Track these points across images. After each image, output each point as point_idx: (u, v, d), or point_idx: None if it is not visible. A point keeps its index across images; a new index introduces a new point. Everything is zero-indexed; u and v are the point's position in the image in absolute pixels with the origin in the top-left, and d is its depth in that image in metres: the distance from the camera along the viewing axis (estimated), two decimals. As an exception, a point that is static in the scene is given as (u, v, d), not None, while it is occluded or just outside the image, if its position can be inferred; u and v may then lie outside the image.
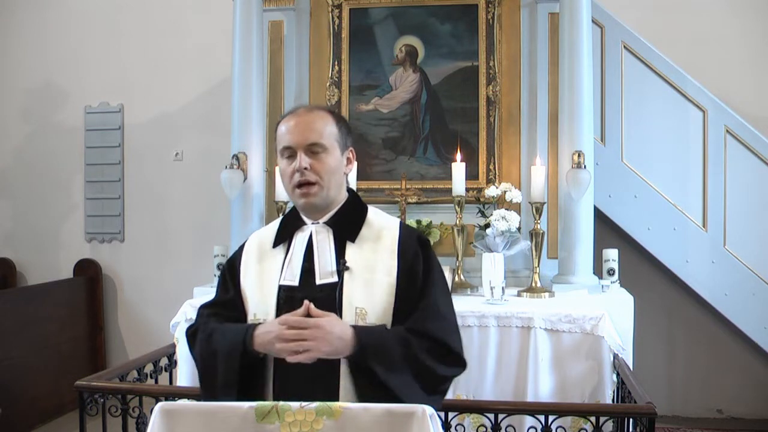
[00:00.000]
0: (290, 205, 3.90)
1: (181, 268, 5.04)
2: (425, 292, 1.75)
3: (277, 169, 3.84)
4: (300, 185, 1.76)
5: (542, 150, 3.90)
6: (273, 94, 4.18)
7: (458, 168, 3.63)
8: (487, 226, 3.54)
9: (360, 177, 3.88)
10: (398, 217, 3.62)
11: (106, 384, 2.60)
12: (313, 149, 1.75)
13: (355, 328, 1.66)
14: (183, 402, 2.23)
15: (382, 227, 1.83)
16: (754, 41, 4.65)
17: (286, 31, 4.19)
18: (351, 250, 1.77)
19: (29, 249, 5.40)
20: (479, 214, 3.79)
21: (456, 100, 4.03)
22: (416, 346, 1.67)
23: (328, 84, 4.11)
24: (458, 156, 3.67)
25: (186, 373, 3.20)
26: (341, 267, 1.74)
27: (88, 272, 5.22)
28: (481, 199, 3.87)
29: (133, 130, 5.27)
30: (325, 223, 1.81)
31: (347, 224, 1.81)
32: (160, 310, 4.69)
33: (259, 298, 1.80)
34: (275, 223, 1.92)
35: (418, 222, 3.87)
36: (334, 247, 1.78)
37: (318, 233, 1.80)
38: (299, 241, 1.81)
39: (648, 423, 2.28)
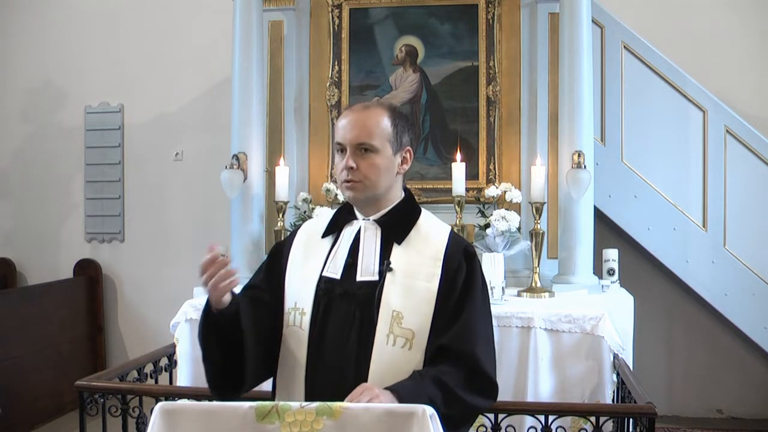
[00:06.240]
0: (291, 205, 3.93)
1: (181, 268, 5.02)
2: (463, 307, 1.72)
3: (277, 169, 3.83)
4: (346, 181, 1.76)
5: (542, 150, 3.90)
6: (273, 94, 4.17)
7: (458, 168, 3.63)
8: (487, 226, 3.54)
9: (360, 177, 3.87)
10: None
11: (106, 384, 2.60)
12: (363, 148, 1.74)
13: (393, 389, 1.58)
14: (183, 402, 2.23)
15: (431, 233, 1.83)
16: (754, 41, 4.65)
17: (286, 31, 4.19)
18: (396, 252, 1.77)
19: (29, 249, 5.40)
20: (479, 214, 3.79)
21: (456, 100, 4.03)
22: (452, 383, 1.64)
23: (328, 84, 4.11)
24: (458, 156, 3.67)
25: (186, 373, 3.20)
26: (385, 267, 1.74)
27: (88, 272, 5.21)
28: (481, 199, 3.87)
29: (133, 130, 5.27)
30: (375, 220, 1.81)
31: (397, 225, 1.81)
32: (160, 310, 4.67)
33: (298, 286, 1.81)
34: (329, 215, 1.92)
35: (418, 222, 3.86)
36: (380, 246, 1.78)
37: (366, 230, 1.80)
38: (347, 234, 1.82)
39: (648, 423, 2.28)
